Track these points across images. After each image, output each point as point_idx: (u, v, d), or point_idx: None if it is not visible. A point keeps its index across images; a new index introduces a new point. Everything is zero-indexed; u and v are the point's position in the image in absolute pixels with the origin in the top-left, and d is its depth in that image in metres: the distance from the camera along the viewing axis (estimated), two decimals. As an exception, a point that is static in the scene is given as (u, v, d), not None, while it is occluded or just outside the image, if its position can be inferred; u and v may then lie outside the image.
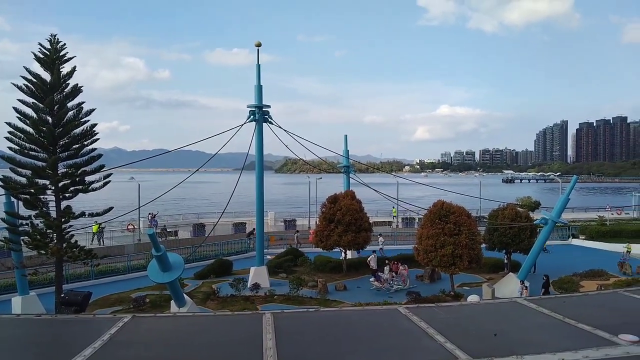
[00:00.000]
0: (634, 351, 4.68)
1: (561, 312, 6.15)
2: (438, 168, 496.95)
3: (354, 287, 29.11)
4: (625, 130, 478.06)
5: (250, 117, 28.08)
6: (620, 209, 67.87)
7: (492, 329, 5.44)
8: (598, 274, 31.05)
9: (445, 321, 5.84)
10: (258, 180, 28.85)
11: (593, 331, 5.31)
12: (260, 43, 28.39)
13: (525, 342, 5.08)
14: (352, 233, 30.66)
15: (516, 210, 33.58)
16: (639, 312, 6.44)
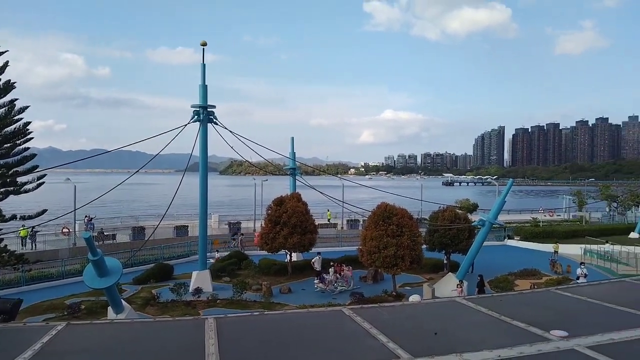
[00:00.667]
0: (563, 346, 4.91)
1: (498, 310, 6.37)
2: (382, 171, 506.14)
3: (299, 290, 29.10)
4: (558, 136, 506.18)
5: (194, 117, 27.53)
6: (552, 211, 71.62)
7: (432, 328, 5.56)
8: (531, 273, 32.59)
9: (387, 321, 5.92)
10: (202, 182, 28.30)
11: (527, 328, 5.53)
12: (205, 42, 27.93)
13: (464, 340, 5.22)
14: (298, 235, 30.66)
15: (455, 212, 34.75)
16: (568, 309, 6.78)
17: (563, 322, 5.79)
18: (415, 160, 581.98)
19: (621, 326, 5.53)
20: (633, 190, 64.71)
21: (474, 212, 59.00)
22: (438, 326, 5.69)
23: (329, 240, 43.65)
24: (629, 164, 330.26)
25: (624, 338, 5.17)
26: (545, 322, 5.72)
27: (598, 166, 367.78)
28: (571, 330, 5.31)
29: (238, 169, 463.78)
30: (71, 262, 32.72)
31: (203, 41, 27.87)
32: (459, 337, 5.35)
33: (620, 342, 5.06)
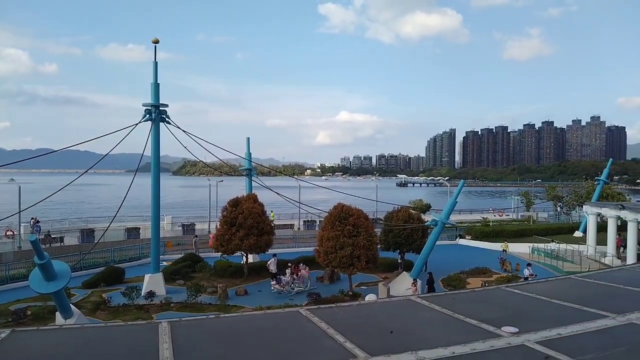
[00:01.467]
0: (514, 341, 5.08)
1: (451, 308, 6.51)
2: (338, 172, 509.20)
3: (255, 291, 28.87)
4: (506, 139, 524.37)
5: (146, 116, 26.81)
6: (501, 211, 74.05)
7: (388, 327, 5.63)
8: (482, 272, 33.54)
9: (344, 321, 5.95)
10: (154, 183, 27.57)
11: (479, 325, 5.68)
12: (157, 40, 27.26)
13: (419, 338, 5.30)
14: (254, 237, 30.39)
15: (409, 213, 35.40)
16: (518, 306, 7.01)
17: (513, 318, 5.98)
18: (370, 162, 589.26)
19: (567, 321, 5.77)
20: (577, 191, 67.70)
21: (427, 212, 60.24)
22: (394, 325, 5.77)
23: (286, 242, 43.58)
24: (573, 166, 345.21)
25: (570, 332, 5.40)
26: (497, 318, 5.90)
27: (544, 168, 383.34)
28: (521, 326, 5.49)
29: (192, 169, 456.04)
30: (16, 266, 31.30)
31: (155, 38, 27.20)
32: (414, 335, 5.44)
33: (566, 336, 5.28)
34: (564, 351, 4.73)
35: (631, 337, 5.33)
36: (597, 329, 5.58)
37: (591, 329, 5.57)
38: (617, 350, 4.83)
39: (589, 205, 44.48)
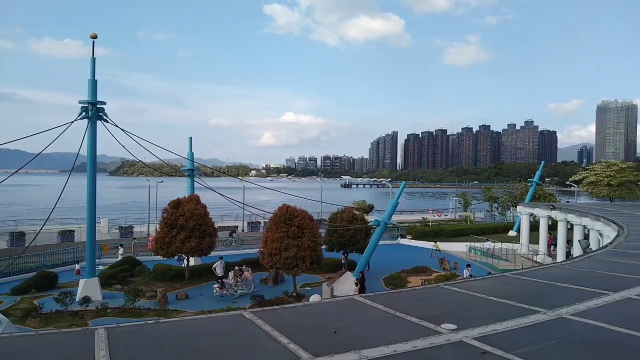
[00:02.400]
0: (453, 338, 5.22)
1: (393, 306, 6.61)
2: (283, 173, 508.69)
3: (197, 295, 28.29)
4: (445, 142, 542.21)
5: (82, 113, 25.69)
6: (440, 212, 76.38)
7: (332, 327, 5.64)
8: (422, 270, 34.46)
9: (288, 322, 5.91)
10: (89, 183, 26.42)
11: (420, 322, 5.80)
12: (96, 35, 26.19)
13: (362, 337, 5.35)
14: (196, 239, 29.76)
15: (353, 213, 35.88)
16: (457, 303, 7.23)
17: (452, 315, 6.16)
18: (315, 163, 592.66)
19: (503, 317, 6.01)
20: (511, 192, 70.89)
21: (370, 212, 61.25)
22: (338, 325, 5.79)
23: (230, 243, 42.99)
24: (507, 168, 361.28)
25: (505, 328, 5.62)
26: (436, 316, 6.05)
27: (481, 170, 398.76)
28: (459, 323, 5.66)
29: (130, 169, 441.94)
30: None
31: (93, 33, 26.13)
32: (358, 334, 5.48)
33: (502, 332, 5.49)
34: (499, 346, 4.91)
35: (561, 331, 5.62)
36: (530, 324, 5.84)
37: (525, 324, 5.82)
38: (548, 344, 5.06)
39: (522, 206, 46.70)
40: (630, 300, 7.22)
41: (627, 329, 5.58)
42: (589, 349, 4.98)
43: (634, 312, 6.58)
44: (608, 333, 5.51)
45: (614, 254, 12.76)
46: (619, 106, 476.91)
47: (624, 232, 17.99)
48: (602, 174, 70.20)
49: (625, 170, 70.48)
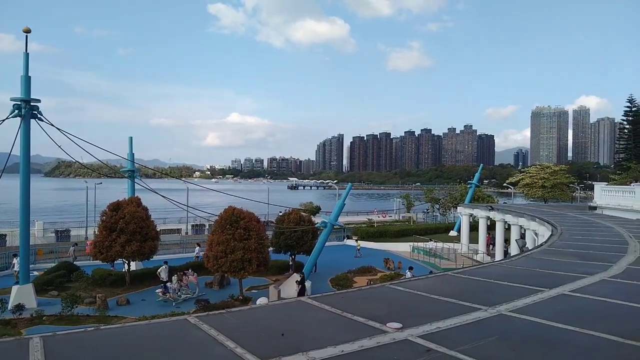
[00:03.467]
0: (398, 337, 5.30)
1: (340, 307, 6.65)
2: (229, 174, 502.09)
3: (139, 300, 27.39)
4: (389, 145, 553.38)
5: (14, 111, 24.32)
6: (385, 213, 77.86)
7: (280, 329, 5.61)
8: (368, 270, 34.93)
9: (235, 326, 5.82)
10: (23, 185, 25.00)
11: (366, 322, 5.86)
12: (29, 29, 24.86)
13: (310, 338, 5.34)
14: (137, 242, 28.82)
15: (300, 215, 35.88)
16: (401, 302, 7.37)
17: (397, 314, 6.27)
18: (262, 164, 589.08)
19: (445, 315, 6.17)
20: (452, 194, 73.23)
21: (317, 214, 61.52)
22: (285, 327, 5.76)
23: (173, 247, 41.94)
24: (448, 170, 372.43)
25: (448, 325, 5.78)
26: (382, 315, 6.14)
27: (423, 172, 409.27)
28: (405, 322, 5.76)
29: (67, 170, 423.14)
30: None
31: (26, 27, 24.79)
32: (305, 336, 5.47)
33: (445, 329, 5.64)
34: (443, 343, 5.03)
35: (501, 327, 5.84)
36: (472, 321, 6.03)
37: (467, 321, 6.00)
38: (489, 340, 5.24)
39: (462, 207, 48.34)
40: (564, 297, 7.60)
41: (562, 323, 5.86)
42: (527, 344, 5.20)
43: (568, 308, 6.93)
44: (544, 328, 5.78)
45: (549, 252, 13.42)
46: (552, 112, 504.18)
47: (558, 231, 18.96)
48: (536, 176, 73.72)
49: (558, 173, 74.36)
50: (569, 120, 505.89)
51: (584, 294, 7.76)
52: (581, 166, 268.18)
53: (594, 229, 20.61)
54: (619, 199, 32.95)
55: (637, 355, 4.65)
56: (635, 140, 79.17)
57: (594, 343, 5.19)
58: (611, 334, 5.33)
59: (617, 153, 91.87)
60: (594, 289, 8.12)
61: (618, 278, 9.20)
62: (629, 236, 16.70)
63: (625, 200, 31.88)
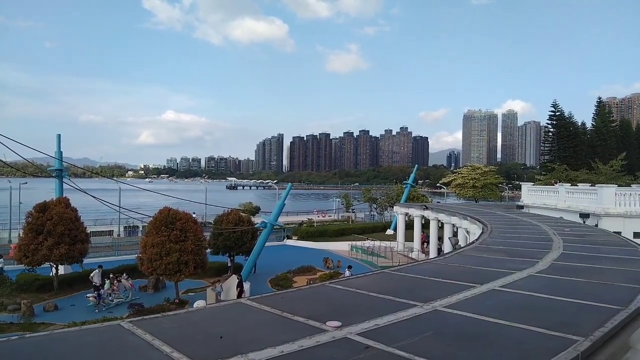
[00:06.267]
0: (338, 335, 5.35)
1: (280, 307, 6.62)
2: (164, 174, 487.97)
3: (68, 306, 26.10)
4: (329, 145, 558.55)
5: None
6: (324, 212, 78.43)
7: (218, 332, 5.50)
8: (308, 270, 35.11)
9: (171, 330, 5.66)
10: (-64, 185, 23.19)
11: (306, 322, 5.87)
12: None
13: (249, 340, 5.28)
14: (66, 245, 27.44)
15: (239, 215, 35.48)
16: (341, 301, 7.44)
17: (337, 313, 6.32)
18: (199, 164, 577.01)
19: (383, 312, 6.29)
20: (389, 194, 74.89)
21: (257, 214, 61.09)
22: (224, 329, 5.66)
23: (104, 250, 40.24)
24: (385, 171, 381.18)
25: (386, 322, 5.89)
26: (322, 314, 6.17)
27: (361, 172, 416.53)
28: (344, 320, 5.82)
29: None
30: None
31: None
32: (244, 338, 5.40)
33: (383, 326, 5.74)
34: (381, 340, 5.12)
35: (436, 323, 6.02)
36: (408, 317, 6.18)
37: (403, 317, 6.14)
38: (424, 335, 5.39)
39: (398, 206, 49.61)
40: (494, 292, 7.95)
41: (493, 318, 6.13)
42: (460, 338, 5.39)
43: (498, 303, 7.25)
44: (476, 323, 6.02)
45: (480, 249, 14.00)
46: (483, 115, 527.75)
47: (488, 229, 19.83)
48: (468, 176, 76.70)
49: (488, 174, 77.75)
50: (498, 123, 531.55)
51: (513, 289, 8.15)
52: (509, 167, 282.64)
53: (521, 226, 21.73)
54: (544, 198, 34.98)
55: (561, 345, 4.93)
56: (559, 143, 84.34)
57: (523, 335, 5.46)
58: (538, 327, 5.63)
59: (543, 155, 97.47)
60: (522, 284, 8.55)
61: (544, 273, 9.73)
62: (553, 233, 17.73)
63: (549, 200, 33.89)
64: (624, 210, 26.13)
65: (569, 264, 10.93)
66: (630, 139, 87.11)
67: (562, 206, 30.99)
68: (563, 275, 9.40)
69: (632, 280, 8.70)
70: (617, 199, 26.57)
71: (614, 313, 6.21)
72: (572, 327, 5.56)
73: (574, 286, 8.50)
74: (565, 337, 5.18)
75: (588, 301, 7.05)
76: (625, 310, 6.37)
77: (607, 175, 51.37)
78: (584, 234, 18.11)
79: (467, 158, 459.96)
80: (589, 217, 26.62)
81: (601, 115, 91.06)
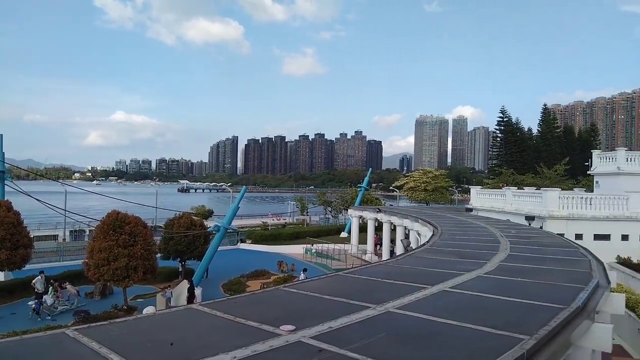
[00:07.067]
0: (291, 339, 5.33)
1: (233, 312, 6.54)
2: (112, 176, 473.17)
3: (8, 315, 24.86)
4: (284, 148, 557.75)
5: None
6: (279, 216, 78.20)
7: (169, 339, 5.37)
8: (261, 274, 34.85)
9: (119, 338, 5.48)
10: None
11: (260, 326, 5.82)
12: None
13: (201, 346, 5.19)
14: (7, 250, 26.12)
15: (191, 219, 34.79)
16: (295, 304, 7.42)
17: (291, 316, 6.30)
18: (149, 166, 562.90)
19: (337, 315, 6.32)
20: (343, 197, 75.51)
21: (210, 218, 60.18)
22: (174, 336, 5.53)
23: (48, 255, 38.55)
24: (340, 174, 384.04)
25: (340, 325, 5.92)
26: (276, 318, 6.13)
27: (316, 175, 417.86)
28: (298, 324, 5.80)
29: None
30: None
31: None
32: (196, 345, 5.30)
33: (336, 329, 5.76)
34: (334, 343, 5.14)
35: (388, 324, 6.10)
36: (362, 319, 6.24)
37: (357, 320, 6.19)
38: (377, 337, 5.45)
39: (352, 209, 50.08)
40: (445, 293, 8.14)
41: (443, 318, 6.27)
42: (412, 339, 5.49)
43: (448, 303, 7.43)
44: (427, 323, 6.14)
45: (431, 251, 14.30)
46: (434, 120, 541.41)
47: (438, 231, 20.30)
48: (419, 180, 78.41)
49: (439, 177, 79.75)
50: (449, 128, 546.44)
51: (463, 289, 8.37)
52: (459, 171, 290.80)
53: (470, 229, 22.37)
54: (492, 201, 36.18)
55: (508, 344, 5.10)
56: (507, 148, 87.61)
57: (472, 335, 5.61)
58: (486, 326, 5.80)
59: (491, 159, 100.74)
60: (471, 285, 8.79)
61: (492, 274, 10.05)
62: (501, 235, 18.35)
63: (497, 203, 35.07)
64: (567, 212, 27.36)
65: (515, 265, 11.34)
66: (573, 144, 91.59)
67: (509, 209, 32.13)
68: (510, 276, 9.74)
69: (574, 280, 9.12)
70: (561, 202, 27.79)
71: (557, 312, 6.49)
72: (518, 326, 5.76)
73: (520, 286, 8.83)
74: (511, 336, 5.36)
75: (533, 301, 7.33)
76: (568, 309, 6.66)
77: (552, 179, 53.82)
78: (530, 235, 18.84)
79: (419, 162, 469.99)
80: (534, 220, 27.71)
81: (546, 121, 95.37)
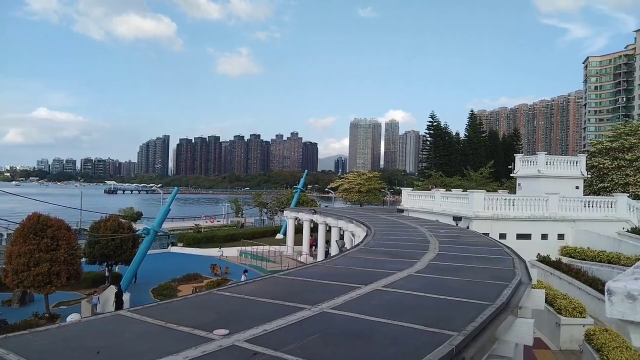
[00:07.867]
0: (225, 343, 5.24)
1: (163, 318, 6.34)
2: (34, 176, 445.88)
3: None
4: (218, 148, 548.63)
5: None
6: (213, 218, 76.80)
7: (95, 347, 5.12)
8: (194, 278, 34.08)
9: (41, 348, 5.16)
10: None
11: (192, 331, 5.68)
12: None
13: (129, 354, 4.99)
14: None
15: (119, 221, 33.47)
16: (229, 308, 7.31)
17: (225, 320, 6.19)
18: (74, 166, 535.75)
19: (272, 317, 6.28)
20: (279, 198, 75.33)
21: (139, 220, 58.07)
22: (101, 344, 5.28)
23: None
24: (276, 175, 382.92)
25: (275, 327, 5.89)
26: (209, 323, 6.00)
27: (252, 177, 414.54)
28: (232, 328, 5.72)
29: None
30: None
31: None
32: (124, 352, 5.09)
33: (271, 331, 5.73)
34: (269, 346, 5.11)
35: (323, 325, 6.15)
36: (297, 320, 6.24)
37: (292, 321, 6.19)
38: (312, 338, 5.47)
39: (288, 211, 50.05)
40: (378, 292, 8.31)
41: (376, 317, 6.40)
42: (346, 338, 5.56)
43: (381, 302, 7.59)
44: (361, 322, 6.24)
45: (364, 251, 14.57)
46: (368, 123, 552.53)
47: (372, 232, 20.73)
48: (354, 181, 79.68)
49: (372, 179, 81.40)
50: (382, 131, 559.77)
51: (395, 288, 8.59)
52: (391, 173, 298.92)
53: (402, 229, 23.02)
54: (422, 202, 37.39)
55: (438, 340, 5.28)
56: (436, 151, 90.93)
57: (403, 332, 5.76)
58: (417, 324, 5.98)
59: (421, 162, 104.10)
60: (402, 284, 9.03)
61: (422, 273, 10.38)
62: (430, 235, 19.01)
63: (427, 204, 36.29)
64: (492, 213, 28.76)
65: (444, 263, 11.79)
66: (498, 148, 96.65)
67: (438, 210, 33.35)
68: (439, 274, 10.11)
69: (499, 277, 9.60)
70: (486, 203, 29.18)
71: (483, 308, 6.80)
72: (447, 322, 5.98)
73: (448, 284, 9.18)
74: (441, 333, 5.56)
75: (461, 298, 7.65)
76: (493, 305, 7.00)
77: (478, 182, 56.47)
78: (457, 235, 19.65)
79: (354, 164, 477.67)
80: (461, 220, 28.92)
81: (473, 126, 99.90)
